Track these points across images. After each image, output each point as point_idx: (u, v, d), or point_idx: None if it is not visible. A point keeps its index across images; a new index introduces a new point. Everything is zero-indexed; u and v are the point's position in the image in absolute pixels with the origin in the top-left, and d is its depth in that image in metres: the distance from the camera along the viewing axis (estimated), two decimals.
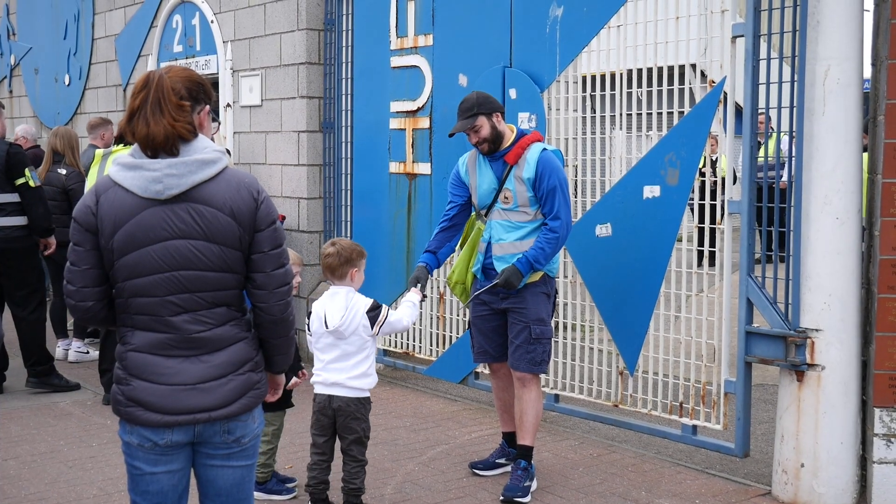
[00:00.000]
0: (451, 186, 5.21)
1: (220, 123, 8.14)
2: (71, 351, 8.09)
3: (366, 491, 4.62)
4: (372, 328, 4.48)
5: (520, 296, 4.91)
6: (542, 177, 4.79)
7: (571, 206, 4.92)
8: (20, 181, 6.77)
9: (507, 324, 5.00)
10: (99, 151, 6.66)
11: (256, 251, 2.86)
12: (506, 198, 4.90)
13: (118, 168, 2.79)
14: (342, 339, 4.44)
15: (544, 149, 4.88)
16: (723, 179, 5.26)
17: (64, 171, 7.69)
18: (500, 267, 4.89)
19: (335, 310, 4.44)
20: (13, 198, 6.80)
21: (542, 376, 5.94)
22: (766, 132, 5.76)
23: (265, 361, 3.00)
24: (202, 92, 2.86)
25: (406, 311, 4.64)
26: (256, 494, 4.79)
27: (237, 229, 2.80)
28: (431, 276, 5.24)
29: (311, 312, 4.55)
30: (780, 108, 4.81)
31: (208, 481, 2.96)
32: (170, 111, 2.74)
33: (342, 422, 4.47)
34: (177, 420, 2.80)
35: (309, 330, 4.56)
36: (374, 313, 4.49)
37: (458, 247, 5.23)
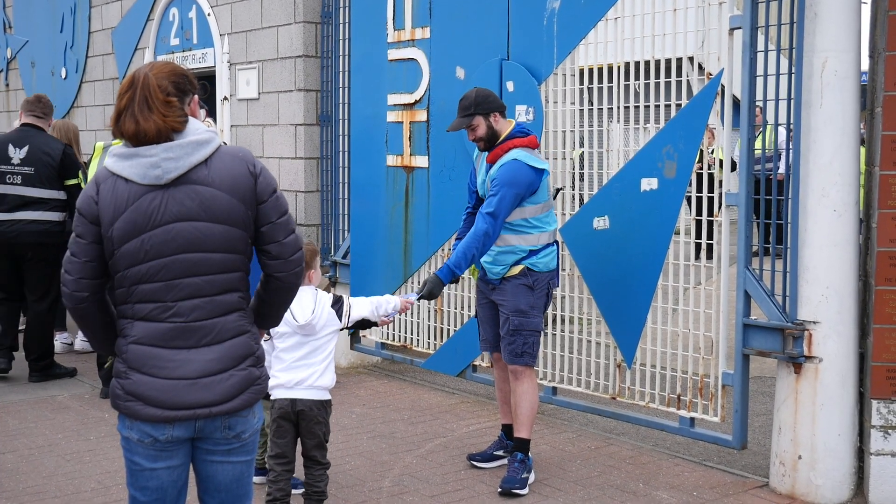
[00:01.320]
0: (470, 174, 5.35)
1: (207, 109, 8.12)
2: (77, 340, 8.17)
3: (328, 497, 4.45)
4: (340, 320, 4.35)
5: (501, 288, 5.00)
6: (493, 180, 4.85)
7: (502, 218, 4.82)
8: (72, 182, 7.14)
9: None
10: (99, 144, 6.69)
11: (265, 222, 2.88)
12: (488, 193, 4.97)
13: (115, 159, 2.79)
14: (311, 336, 4.30)
15: (515, 158, 4.85)
16: (720, 162, 5.25)
17: None
18: (483, 261, 5.00)
19: (304, 305, 4.30)
20: (58, 194, 7.12)
21: (539, 369, 5.96)
22: (763, 123, 5.74)
23: (260, 319, 3.00)
24: (188, 83, 2.87)
25: (365, 303, 4.49)
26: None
27: (239, 206, 2.80)
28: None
29: None
30: (777, 100, 4.80)
31: (208, 477, 2.95)
32: (158, 109, 2.75)
33: (305, 426, 4.31)
34: (176, 415, 2.79)
35: (268, 333, 4.30)
36: (337, 306, 4.38)
37: None
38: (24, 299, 7.33)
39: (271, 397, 4.33)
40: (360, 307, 4.44)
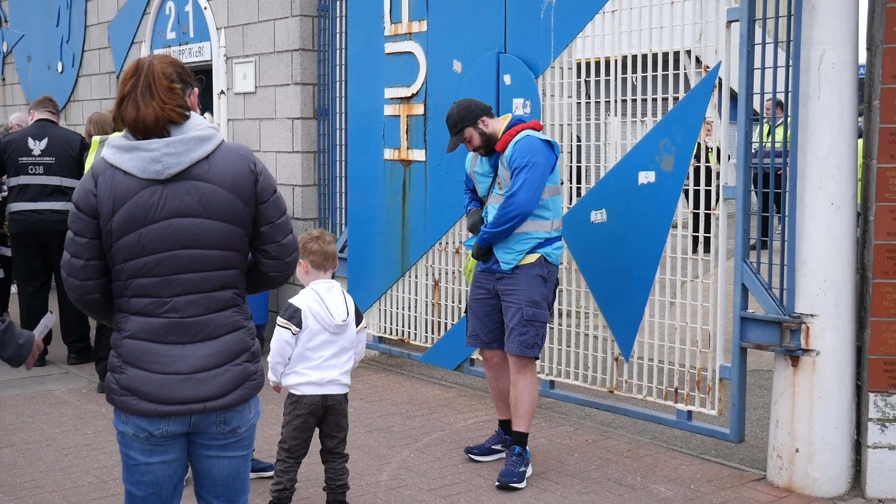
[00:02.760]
0: (466, 180, 5.34)
1: (201, 107, 8.10)
2: None
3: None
4: (357, 325, 4.42)
5: (514, 277, 4.95)
6: (513, 156, 4.85)
7: (537, 191, 4.82)
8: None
9: (502, 308, 5.02)
10: (96, 138, 6.70)
11: (265, 222, 2.88)
12: (499, 184, 4.97)
13: (113, 150, 2.76)
14: (341, 334, 4.33)
15: (527, 134, 4.89)
16: (718, 152, 5.23)
17: None
18: (495, 248, 4.99)
19: (338, 303, 4.33)
20: (77, 183, 7.19)
21: (538, 362, 5.95)
22: (784, 116, 5.68)
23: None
24: (188, 75, 2.88)
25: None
26: None
27: (238, 204, 2.79)
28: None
29: (298, 310, 4.27)
30: (774, 93, 4.80)
31: (204, 472, 2.95)
32: (160, 94, 2.74)
33: (334, 420, 4.35)
34: (171, 410, 2.78)
35: (298, 327, 4.27)
36: (357, 309, 4.47)
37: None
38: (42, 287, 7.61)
39: (298, 394, 4.32)
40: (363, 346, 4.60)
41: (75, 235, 2.80)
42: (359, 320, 4.46)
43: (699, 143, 5.28)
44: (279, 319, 4.33)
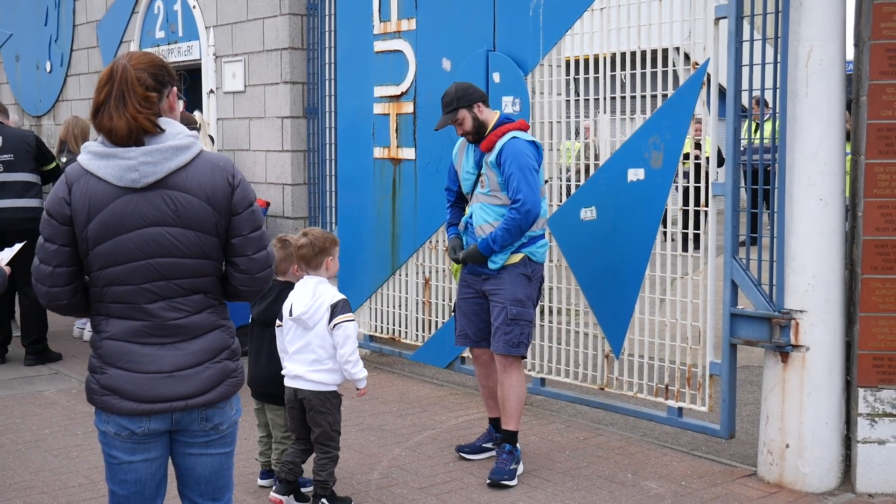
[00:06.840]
0: (449, 171, 5.33)
1: (186, 101, 8.07)
2: (85, 331, 8.25)
3: (336, 481, 4.54)
4: (330, 321, 4.35)
5: (499, 277, 4.95)
6: (503, 162, 4.85)
7: (537, 190, 4.83)
8: (51, 166, 7.60)
9: (489, 307, 5.02)
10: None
11: (236, 235, 2.85)
12: (482, 183, 4.96)
13: (89, 157, 2.74)
14: (308, 330, 4.38)
15: (514, 137, 4.88)
16: (707, 159, 5.24)
17: (65, 159, 7.85)
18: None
19: (302, 299, 4.40)
20: (37, 179, 7.51)
21: (528, 360, 5.96)
22: (772, 113, 5.67)
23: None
24: (167, 75, 2.83)
25: (352, 350, 4.39)
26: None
27: (213, 214, 2.78)
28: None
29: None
30: (763, 89, 4.81)
31: (187, 469, 2.95)
32: (134, 103, 2.69)
33: (309, 415, 4.43)
34: (153, 408, 2.78)
35: (280, 320, 4.52)
36: (337, 306, 4.36)
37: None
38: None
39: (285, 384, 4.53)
40: (348, 345, 4.37)
41: (45, 241, 2.78)
42: (337, 315, 4.36)
43: (695, 141, 5.28)
44: None
